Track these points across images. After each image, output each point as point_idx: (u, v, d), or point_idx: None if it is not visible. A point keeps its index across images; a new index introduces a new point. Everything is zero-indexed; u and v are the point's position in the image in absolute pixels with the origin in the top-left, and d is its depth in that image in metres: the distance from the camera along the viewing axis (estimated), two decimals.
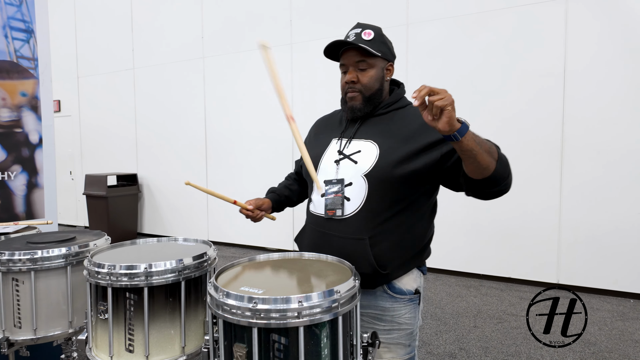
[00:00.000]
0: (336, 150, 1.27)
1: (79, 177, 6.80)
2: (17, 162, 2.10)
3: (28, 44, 2.14)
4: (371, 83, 1.25)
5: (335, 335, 0.94)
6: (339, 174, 1.23)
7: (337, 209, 1.21)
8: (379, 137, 1.23)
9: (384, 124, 1.26)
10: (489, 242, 3.98)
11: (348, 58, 1.27)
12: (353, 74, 1.25)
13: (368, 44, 1.23)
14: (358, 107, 1.26)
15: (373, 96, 1.26)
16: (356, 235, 1.19)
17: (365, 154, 1.21)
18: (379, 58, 1.26)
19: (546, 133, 3.71)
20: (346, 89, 1.28)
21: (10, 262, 1.34)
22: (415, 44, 4.24)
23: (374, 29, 1.27)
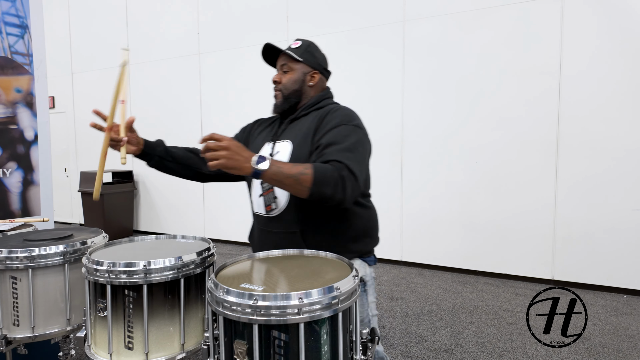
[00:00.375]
0: (268, 153, 1.40)
1: (74, 173, 6.75)
2: (13, 159, 2.08)
3: (22, 39, 2.12)
4: (289, 84, 1.43)
5: (335, 332, 0.94)
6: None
7: (272, 202, 1.35)
8: (293, 136, 1.37)
9: (301, 124, 1.39)
10: (485, 239, 4.01)
11: (278, 62, 1.47)
12: (277, 75, 1.46)
13: (293, 50, 1.42)
14: (278, 104, 1.45)
15: (290, 95, 1.43)
16: (289, 229, 1.32)
17: (283, 152, 1.35)
18: (301, 63, 1.43)
19: (542, 131, 3.73)
20: (274, 89, 1.47)
21: (8, 259, 1.33)
22: (412, 41, 4.24)
23: (303, 41, 1.47)
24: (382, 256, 4.52)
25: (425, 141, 4.24)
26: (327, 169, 1.16)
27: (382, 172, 4.46)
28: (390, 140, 4.40)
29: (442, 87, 4.12)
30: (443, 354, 2.54)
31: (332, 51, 4.72)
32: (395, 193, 4.42)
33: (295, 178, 1.14)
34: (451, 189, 4.14)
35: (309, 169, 1.15)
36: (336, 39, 4.58)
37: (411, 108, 4.29)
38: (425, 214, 4.28)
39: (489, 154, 3.95)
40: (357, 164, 1.21)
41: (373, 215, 1.45)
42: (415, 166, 4.31)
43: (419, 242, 4.34)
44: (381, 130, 4.43)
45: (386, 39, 4.35)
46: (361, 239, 1.39)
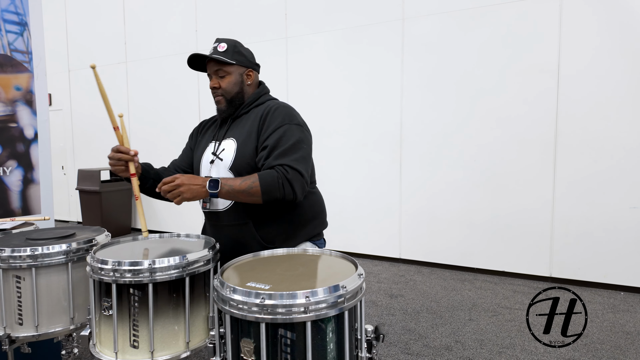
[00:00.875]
0: (211, 152, 1.47)
1: (71, 171, 6.72)
2: (13, 158, 2.07)
3: (22, 37, 2.10)
4: (230, 87, 1.47)
5: (341, 330, 0.95)
6: (212, 172, 1.44)
7: (207, 202, 1.43)
8: (237, 133, 1.44)
9: (243, 122, 1.46)
10: (484, 236, 4.03)
11: (209, 68, 1.49)
12: (215, 81, 1.47)
13: (222, 54, 1.44)
14: (223, 109, 1.49)
15: (234, 99, 1.48)
16: (241, 220, 1.41)
17: (228, 150, 1.42)
18: (235, 66, 1.46)
19: (540, 130, 3.75)
20: (213, 95, 1.50)
21: (11, 258, 1.33)
22: (411, 40, 4.24)
23: (228, 42, 1.48)
24: (381, 254, 4.54)
25: (424, 139, 4.25)
26: (271, 175, 1.29)
27: (381, 171, 4.47)
28: (390, 138, 4.41)
29: (441, 86, 4.12)
30: (443, 351, 2.56)
31: (331, 49, 4.74)
32: (394, 191, 4.43)
33: (247, 192, 1.28)
34: (450, 187, 4.15)
35: (256, 181, 1.28)
36: (335, 36, 4.57)
37: (410, 106, 4.30)
38: (424, 212, 4.30)
39: (488, 152, 3.97)
40: (301, 161, 1.35)
41: (319, 200, 1.54)
42: (414, 164, 4.32)
43: (417, 239, 4.36)
44: (380, 128, 4.44)
45: (385, 37, 4.35)
46: (310, 222, 1.48)
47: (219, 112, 1.51)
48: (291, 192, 1.31)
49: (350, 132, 4.56)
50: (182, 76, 5.67)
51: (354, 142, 4.57)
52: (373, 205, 4.53)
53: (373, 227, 4.56)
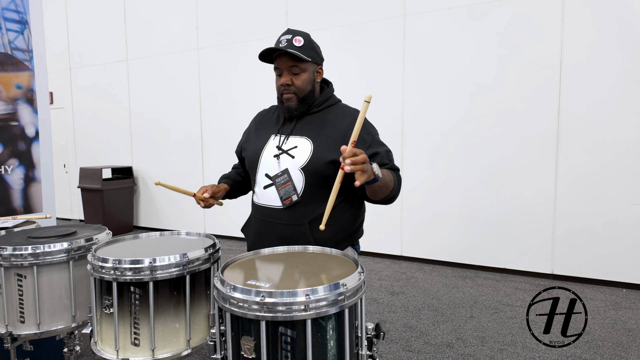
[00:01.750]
0: (275, 146, 1.41)
1: (73, 170, 6.74)
2: (14, 156, 2.08)
3: (22, 35, 2.10)
4: (304, 85, 1.40)
5: (342, 328, 0.95)
6: (281, 166, 1.38)
7: (292, 195, 1.36)
8: (313, 134, 1.39)
9: (316, 122, 1.42)
10: (485, 233, 4.03)
11: (282, 63, 1.39)
12: (287, 78, 1.39)
13: (299, 50, 1.36)
14: (294, 107, 1.41)
15: (306, 97, 1.41)
16: (297, 221, 1.36)
17: (301, 149, 1.37)
18: (310, 62, 1.40)
19: (542, 126, 3.73)
20: (282, 91, 1.41)
21: (13, 257, 1.33)
22: (412, 36, 4.22)
23: (304, 36, 1.40)
24: (383, 251, 4.54)
25: (425, 136, 4.24)
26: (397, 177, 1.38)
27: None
28: (390, 134, 4.40)
29: (443, 82, 4.11)
30: (444, 348, 2.56)
31: (333, 45, 4.72)
32: None
33: (387, 186, 1.29)
34: (451, 183, 4.14)
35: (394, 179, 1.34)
36: (337, 33, 4.56)
37: (411, 103, 4.28)
38: (425, 209, 4.29)
39: (489, 148, 3.96)
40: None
41: (364, 209, 1.54)
42: (415, 161, 4.31)
43: (419, 237, 4.36)
44: (381, 124, 4.39)
45: (387, 33, 4.33)
46: (357, 229, 1.48)
47: (288, 110, 1.41)
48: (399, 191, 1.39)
49: None
50: (184, 74, 5.67)
51: None
52: None
53: (374, 224, 4.54)
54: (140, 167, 6.20)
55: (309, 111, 1.43)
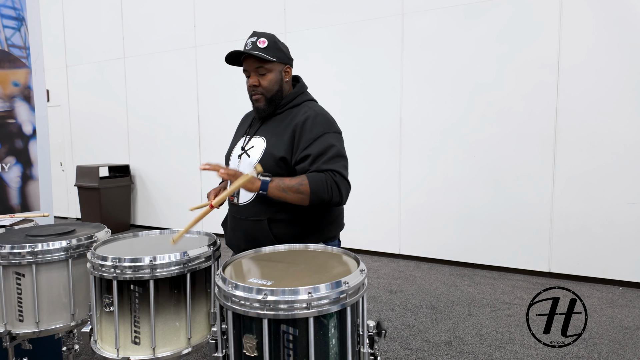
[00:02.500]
0: (240, 147, 1.48)
1: (70, 168, 6.70)
2: (11, 154, 2.06)
3: (19, 32, 2.08)
4: (270, 85, 1.42)
5: (344, 326, 0.95)
6: (240, 167, 1.43)
7: (235, 196, 1.43)
8: (268, 133, 1.43)
9: (277, 122, 1.44)
10: (483, 232, 4.04)
11: (248, 64, 1.43)
12: (254, 79, 1.42)
13: (263, 51, 1.39)
14: (262, 108, 1.44)
15: (274, 97, 1.44)
16: (256, 217, 1.39)
17: (256, 148, 1.42)
18: (276, 63, 1.42)
19: (540, 125, 3.74)
20: (250, 92, 1.45)
21: (11, 255, 1.32)
22: (411, 35, 4.22)
23: (268, 37, 1.42)
24: (381, 249, 4.54)
25: (423, 135, 4.25)
26: (320, 177, 1.30)
27: (381, 166, 4.46)
28: (389, 134, 4.40)
29: (441, 81, 4.11)
30: (442, 346, 2.57)
31: (330, 44, 4.71)
32: (393, 187, 4.43)
33: (296, 188, 1.27)
34: (449, 182, 4.15)
35: (305, 180, 1.28)
36: (334, 32, 4.55)
37: (410, 102, 4.28)
38: (423, 208, 4.30)
39: (487, 147, 3.97)
40: (345, 168, 1.38)
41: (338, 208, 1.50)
42: (413, 160, 4.32)
43: (417, 235, 4.36)
44: (379, 124, 4.43)
45: (385, 32, 4.33)
46: (325, 227, 1.45)
47: (258, 110, 1.46)
48: (338, 195, 1.31)
49: (349, 128, 4.55)
50: (181, 71, 5.65)
51: (353, 138, 4.56)
52: (372, 200, 4.53)
53: (372, 223, 4.56)
54: (137, 166, 6.17)
55: (275, 112, 1.46)
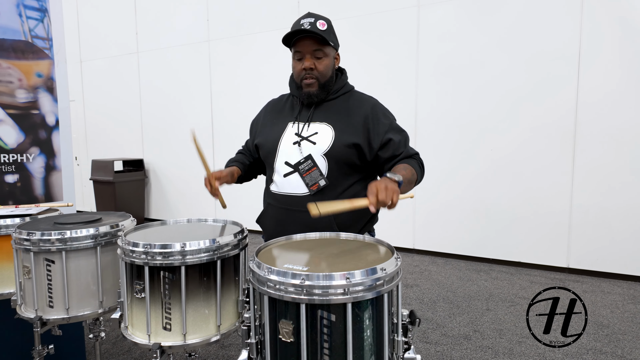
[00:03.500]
0: (294, 133, 1.39)
1: (84, 162, 6.78)
2: (35, 144, 2.08)
3: (42, 23, 2.10)
4: (326, 70, 1.37)
5: (381, 313, 0.94)
6: (303, 153, 1.36)
7: (319, 180, 1.35)
8: (333, 120, 1.37)
9: (335, 108, 1.40)
10: (499, 226, 3.99)
11: (304, 46, 1.34)
12: (310, 62, 1.35)
13: (324, 33, 1.32)
14: (315, 93, 1.38)
15: (327, 83, 1.39)
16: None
17: (322, 135, 1.35)
18: (331, 47, 1.37)
19: (559, 116, 3.67)
20: (303, 75, 1.37)
21: (41, 242, 1.33)
22: (427, 26, 4.17)
23: (326, 20, 1.37)
24: (394, 244, 4.50)
25: (439, 127, 4.20)
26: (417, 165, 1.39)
27: None
28: (403, 125, 4.35)
29: (457, 74, 4.06)
30: (461, 340, 2.55)
31: (344, 37, 4.66)
32: None
33: (411, 182, 1.31)
34: (465, 176, 4.11)
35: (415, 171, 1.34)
36: (348, 24, 4.51)
37: (425, 95, 4.24)
38: (438, 202, 4.26)
39: (504, 139, 3.91)
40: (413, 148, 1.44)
41: None
42: (428, 152, 4.27)
43: (431, 230, 4.33)
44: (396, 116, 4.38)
45: (400, 24, 4.28)
46: (374, 216, 1.47)
47: (308, 95, 1.38)
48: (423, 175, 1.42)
49: None
50: (194, 66, 5.66)
51: None
52: None
53: (386, 217, 4.52)
54: (151, 160, 6.22)
55: (326, 98, 1.41)
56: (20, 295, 1.43)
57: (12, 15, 1.98)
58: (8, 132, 1.96)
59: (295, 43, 1.35)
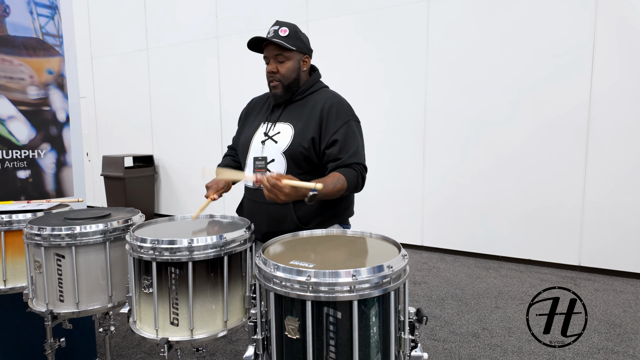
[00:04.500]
0: (262, 132, 1.50)
1: (95, 158, 6.86)
2: (46, 141, 2.11)
3: (53, 20, 2.12)
4: (288, 73, 1.47)
5: (387, 311, 0.93)
6: (264, 152, 1.47)
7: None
8: (294, 120, 1.46)
9: (299, 108, 1.49)
10: (509, 223, 3.94)
11: (268, 51, 1.48)
12: (273, 66, 1.47)
13: (284, 39, 1.44)
14: (279, 95, 1.50)
15: (291, 85, 1.49)
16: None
17: (284, 135, 1.45)
18: (295, 52, 1.47)
19: (572, 113, 3.61)
20: (269, 78, 1.50)
21: (52, 237, 1.35)
22: (436, 21, 4.12)
23: (289, 26, 1.47)
24: (402, 240, 4.50)
25: (448, 124, 4.16)
26: (353, 174, 1.39)
27: (403, 155, 4.40)
28: (413, 123, 4.33)
29: (468, 70, 4.00)
30: (470, 338, 2.53)
31: (352, 32, 4.64)
32: (416, 177, 4.36)
33: (336, 194, 1.35)
34: (475, 172, 4.06)
35: (345, 183, 1.36)
36: (356, 19, 4.48)
37: (435, 91, 4.19)
38: (447, 198, 4.22)
39: (515, 135, 3.85)
40: (365, 159, 1.46)
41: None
42: (438, 149, 4.24)
43: (440, 226, 4.30)
44: (403, 113, 4.35)
45: (409, 19, 4.24)
46: (344, 209, 1.54)
47: (275, 97, 1.51)
48: (362, 185, 1.44)
49: (373, 117, 4.50)
50: (203, 62, 5.68)
51: (376, 127, 4.51)
52: (395, 191, 4.48)
53: (394, 214, 4.51)
54: (161, 156, 6.27)
55: (293, 98, 1.50)
56: (32, 289, 1.46)
57: (23, 12, 2.00)
58: (20, 128, 1.99)
59: (263, 49, 1.50)
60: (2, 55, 1.93)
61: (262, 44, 1.48)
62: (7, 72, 1.95)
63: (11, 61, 1.96)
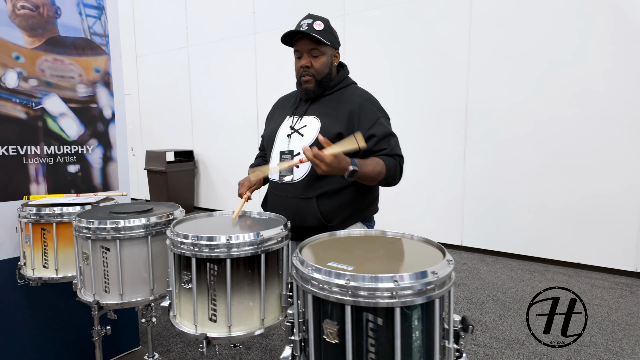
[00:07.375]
0: (288, 126, 1.49)
1: (139, 153, 7.17)
2: (94, 136, 2.20)
3: (100, 20, 2.19)
4: (322, 68, 1.46)
5: (431, 319, 0.88)
6: (290, 145, 1.45)
7: (288, 175, 1.45)
8: (322, 113, 1.45)
9: (327, 103, 1.48)
10: (556, 224, 3.72)
11: (302, 45, 1.45)
12: (307, 60, 1.45)
13: (319, 33, 1.41)
14: (311, 89, 1.48)
15: (323, 79, 1.48)
16: (305, 195, 1.42)
17: (310, 128, 1.43)
18: (328, 46, 1.46)
19: (625, 105, 3.33)
20: (301, 73, 1.48)
21: (98, 230, 1.40)
22: (479, 10, 3.92)
23: (324, 20, 1.45)
24: (441, 240, 4.36)
25: (492, 117, 3.97)
26: (394, 163, 1.40)
27: (444, 150, 4.25)
28: (454, 116, 4.17)
29: (513, 58, 3.79)
30: (513, 344, 2.41)
31: (391, 25, 4.53)
32: (457, 173, 4.21)
33: (374, 177, 1.36)
34: (519, 168, 3.86)
35: (383, 167, 1.36)
36: (396, 11, 4.35)
37: (477, 81, 4.01)
38: (489, 197, 4.04)
39: (564, 130, 3.61)
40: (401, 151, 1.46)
41: (378, 187, 1.56)
42: (480, 144, 4.06)
43: (481, 226, 4.13)
44: (445, 106, 4.20)
45: (451, 9, 4.07)
46: (367, 206, 1.51)
47: (306, 91, 1.49)
48: (399, 178, 1.44)
49: (411, 111, 4.38)
50: (240, 58, 5.76)
51: (414, 121, 4.39)
52: (433, 188, 4.35)
53: (433, 212, 4.38)
54: (200, 151, 6.45)
55: (323, 93, 1.49)
56: (80, 279, 1.52)
57: (73, 14, 2.09)
58: (70, 124, 2.08)
59: (295, 43, 1.47)
60: (54, 55, 2.02)
61: (293, 37, 1.46)
62: (58, 71, 2.04)
63: (62, 60, 2.05)
